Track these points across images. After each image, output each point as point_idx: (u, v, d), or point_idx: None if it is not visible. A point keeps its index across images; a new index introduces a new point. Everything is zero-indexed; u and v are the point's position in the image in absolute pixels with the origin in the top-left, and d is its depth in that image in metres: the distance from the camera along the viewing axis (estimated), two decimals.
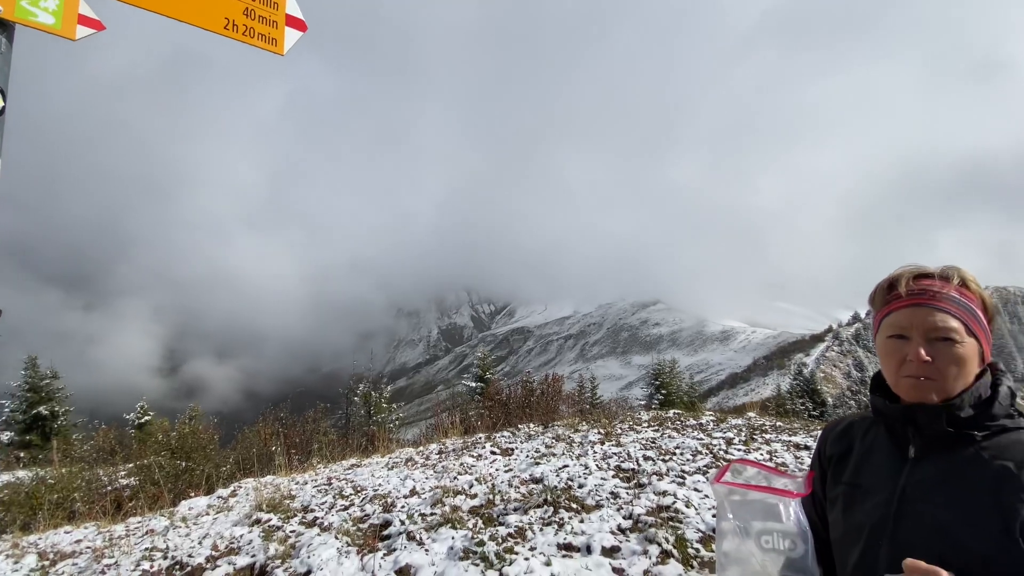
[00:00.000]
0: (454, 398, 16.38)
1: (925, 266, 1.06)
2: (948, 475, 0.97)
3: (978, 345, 1.00)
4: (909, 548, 0.92)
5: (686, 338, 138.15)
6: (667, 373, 19.29)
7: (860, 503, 1.06)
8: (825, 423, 3.14)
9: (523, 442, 7.75)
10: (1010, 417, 0.98)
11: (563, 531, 4.00)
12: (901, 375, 1.01)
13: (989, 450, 0.95)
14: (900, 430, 1.05)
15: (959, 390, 0.98)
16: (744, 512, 1.06)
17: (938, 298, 1.00)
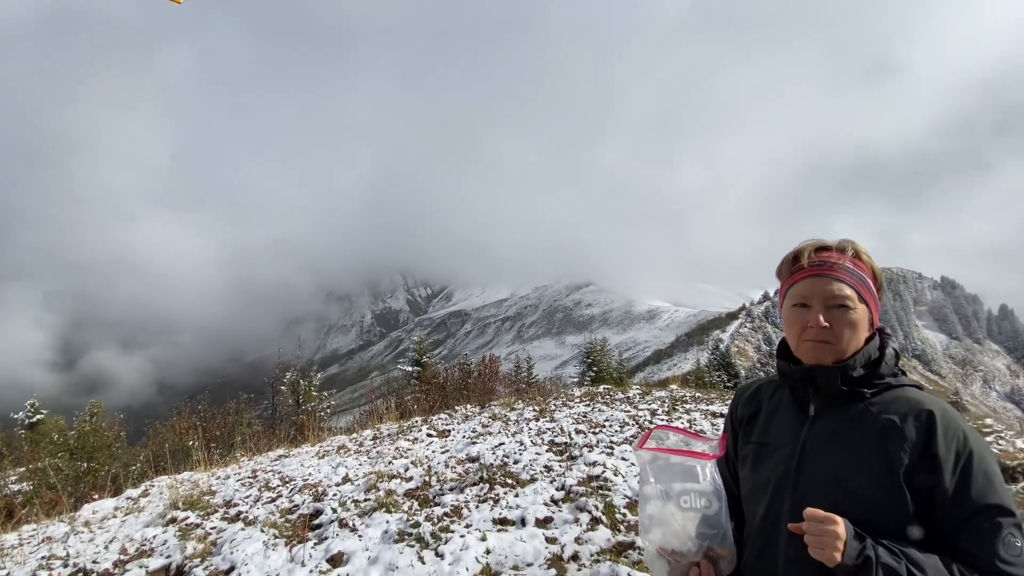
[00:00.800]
0: (389, 383, 16.06)
1: (825, 240, 1.16)
2: (843, 429, 1.07)
3: (868, 311, 1.11)
4: (809, 498, 1.01)
5: (616, 318, 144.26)
6: (598, 351, 20.08)
7: (767, 460, 1.15)
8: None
9: (460, 423, 7.78)
10: (895, 375, 1.10)
11: (498, 506, 4.09)
12: (802, 340, 1.11)
13: (877, 405, 1.06)
14: (802, 390, 1.15)
15: (852, 352, 1.08)
16: (665, 476, 1.13)
17: (835, 269, 1.10)
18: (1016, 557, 0.91)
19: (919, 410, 1.02)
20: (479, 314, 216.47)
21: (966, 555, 0.93)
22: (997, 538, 0.92)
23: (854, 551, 0.90)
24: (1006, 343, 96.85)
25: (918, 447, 0.98)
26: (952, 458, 0.96)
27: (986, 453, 0.99)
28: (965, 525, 0.94)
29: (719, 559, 1.09)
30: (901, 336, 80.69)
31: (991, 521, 0.93)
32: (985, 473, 0.96)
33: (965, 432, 0.99)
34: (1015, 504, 0.96)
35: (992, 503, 0.94)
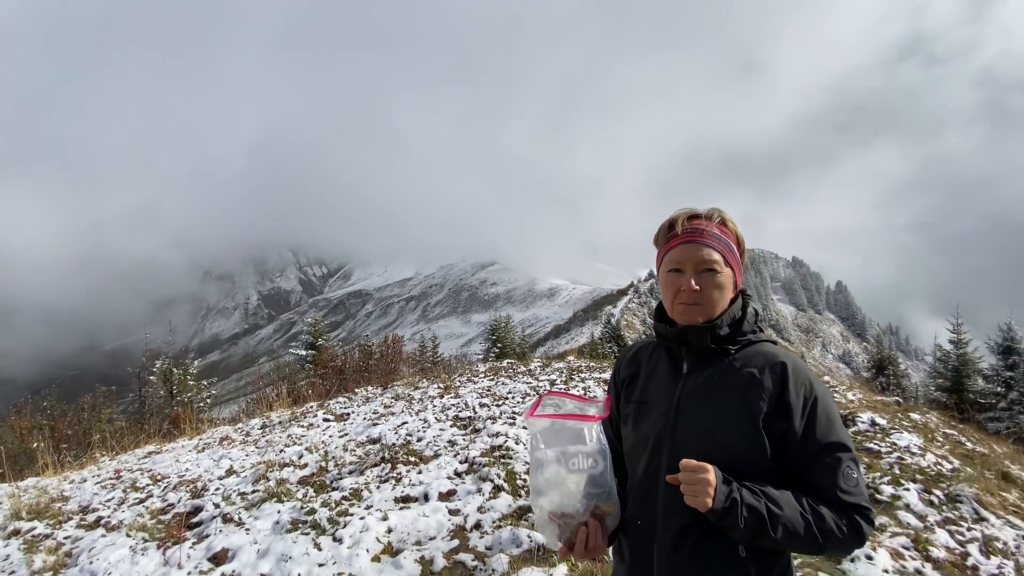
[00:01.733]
0: (280, 369, 15.01)
1: (696, 208, 1.24)
2: (712, 384, 1.17)
3: (733, 274, 1.20)
4: (684, 450, 1.10)
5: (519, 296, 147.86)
6: (503, 328, 20.50)
7: (646, 417, 1.24)
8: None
9: (360, 406, 7.54)
10: (755, 332, 1.22)
11: (401, 485, 4.05)
12: (676, 303, 1.20)
13: (740, 360, 1.17)
14: (676, 350, 1.25)
15: (720, 312, 1.18)
16: (554, 440, 1.17)
17: (705, 235, 1.18)
18: (854, 487, 1.06)
19: (774, 362, 1.13)
20: (381, 294, 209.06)
21: (814, 488, 1.07)
22: (838, 471, 1.06)
23: (723, 495, 1.00)
24: (840, 313, 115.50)
25: (774, 396, 1.09)
26: (801, 404, 1.09)
27: (828, 398, 1.13)
28: (812, 462, 1.07)
29: (605, 516, 1.16)
30: (761, 308, 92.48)
31: (832, 457, 1.07)
32: (828, 416, 1.10)
33: (811, 380, 1.13)
34: (851, 441, 1.14)
35: (833, 441, 1.08)
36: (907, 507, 3.46)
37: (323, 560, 3.00)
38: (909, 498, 3.57)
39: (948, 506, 3.53)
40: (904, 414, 6.63)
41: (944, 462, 4.47)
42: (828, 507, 1.04)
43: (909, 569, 2.67)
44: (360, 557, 3.00)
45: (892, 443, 4.88)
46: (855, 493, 1.06)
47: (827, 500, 1.05)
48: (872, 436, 5.15)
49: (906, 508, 3.44)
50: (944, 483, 3.87)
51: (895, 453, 4.59)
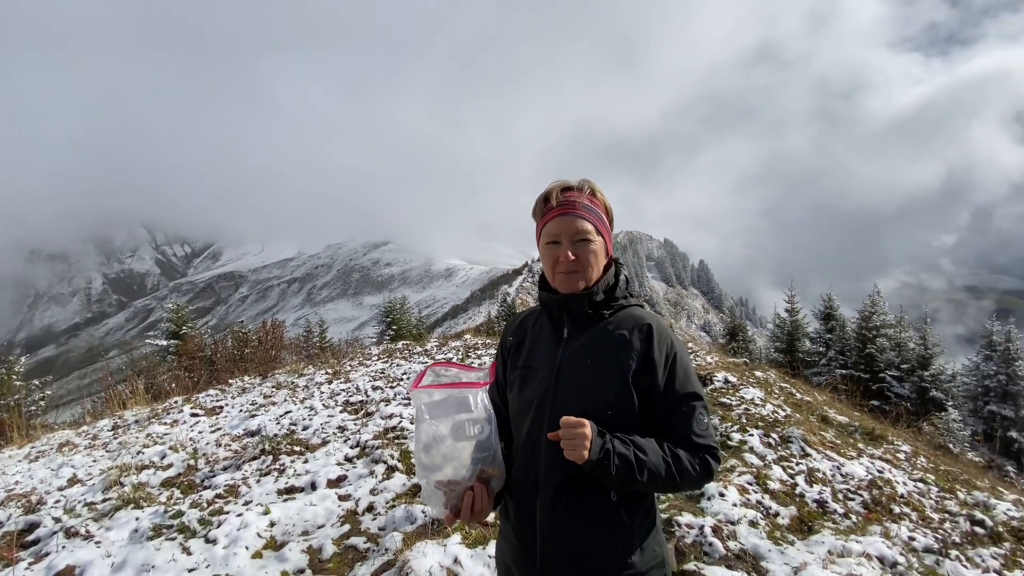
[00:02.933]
0: (136, 363, 13.14)
1: (569, 180, 1.31)
2: (589, 346, 1.26)
3: (605, 242, 1.30)
4: (565, 409, 1.17)
5: (415, 276, 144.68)
6: (398, 310, 19.95)
7: (531, 381, 1.30)
8: None
9: (235, 397, 6.89)
10: (626, 298, 1.33)
11: (284, 476, 3.80)
12: (557, 272, 1.27)
13: (613, 323, 1.28)
14: (558, 316, 1.32)
15: (595, 279, 1.28)
16: (439, 410, 1.17)
17: (577, 207, 1.25)
18: (705, 431, 1.20)
19: (642, 324, 1.25)
20: (258, 276, 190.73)
21: (673, 434, 1.20)
22: (692, 418, 1.19)
23: (597, 447, 1.08)
24: (702, 288, 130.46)
25: (641, 355, 1.21)
26: (663, 361, 1.21)
27: (685, 355, 1.27)
28: (672, 411, 1.20)
29: (491, 479, 1.20)
30: (637, 285, 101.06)
31: (688, 405, 1.20)
32: (685, 369, 1.24)
33: (672, 340, 1.26)
34: (704, 391, 1.30)
35: (689, 392, 1.22)
36: (751, 450, 4.06)
37: (194, 564, 2.73)
38: (753, 442, 4.19)
39: (782, 446, 4.21)
40: (750, 372, 7.73)
41: (779, 410, 5.31)
42: (684, 449, 1.18)
43: (752, 500, 3.15)
44: (238, 556, 2.77)
45: (741, 397, 5.68)
46: (706, 436, 1.21)
47: (684, 443, 1.19)
48: (725, 391, 5.94)
49: (750, 451, 4.04)
50: (779, 427, 4.61)
51: (743, 405, 5.35)
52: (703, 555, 2.57)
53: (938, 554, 2.77)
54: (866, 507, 3.29)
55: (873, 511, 3.23)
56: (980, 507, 3.55)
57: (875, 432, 5.33)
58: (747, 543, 2.64)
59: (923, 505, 3.45)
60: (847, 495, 3.42)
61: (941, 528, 3.15)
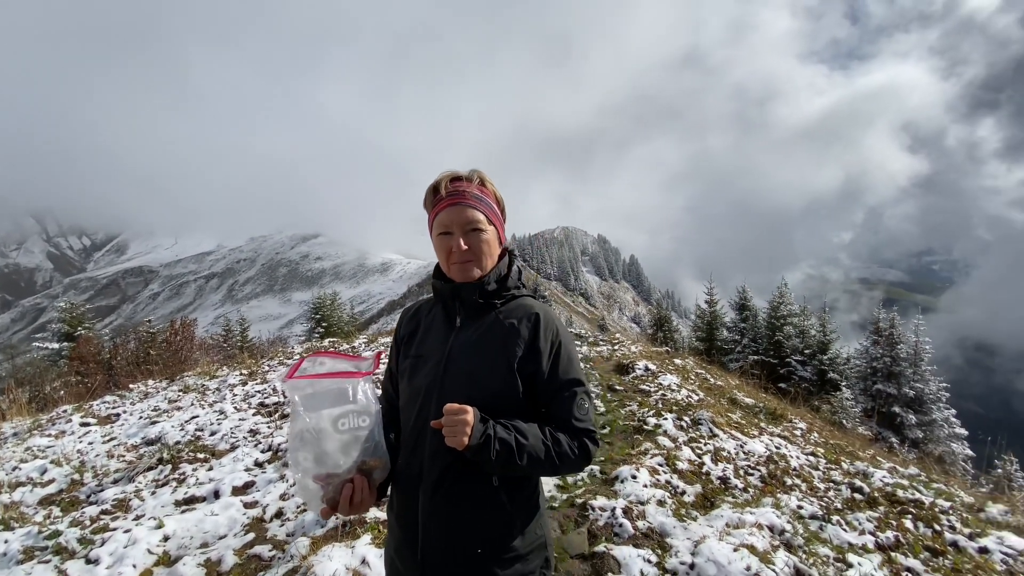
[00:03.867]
0: (20, 369, 11.70)
1: (457, 170, 1.30)
2: (479, 335, 1.26)
3: (497, 232, 1.31)
4: (452, 397, 1.16)
5: (348, 271, 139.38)
6: (328, 306, 19.15)
7: (421, 370, 1.28)
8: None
9: (135, 404, 6.29)
10: (518, 288, 1.34)
11: (184, 486, 3.51)
12: (451, 263, 1.26)
13: (503, 312, 1.29)
14: (451, 305, 1.31)
15: (488, 269, 1.28)
16: (317, 403, 1.11)
17: (467, 197, 1.25)
18: (585, 415, 1.23)
19: (530, 313, 1.27)
20: (171, 271, 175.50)
21: (555, 419, 1.22)
22: (573, 403, 1.22)
23: (479, 433, 1.09)
24: (632, 282, 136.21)
25: (528, 342, 1.23)
26: (548, 348, 1.24)
27: (570, 343, 1.29)
28: (555, 396, 1.23)
29: (373, 470, 1.16)
30: (572, 279, 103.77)
31: (570, 391, 1.23)
32: (568, 357, 1.26)
33: (558, 327, 1.28)
34: (586, 377, 1.34)
35: (571, 378, 1.24)
36: (665, 433, 4.27)
37: None
38: (667, 426, 4.41)
39: (693, 428, 4.47)
40: (670, 360, 8.15)
41: (693, 395, 5.64)
42: (565, 433, 1.21)
43: (662, 481, 3.31)
44: (124, 575, 2.52)
45: (659, 383, 5.97)
46: (585, 420, 1.24)
47: (564, 427, 1.21)
48: (645, 379, 6.21)
49: (664, 434, 4.25)
50: (691, 411, 4.88)
51: (660, 391, 5.62)
52: (614, 536, 2.66)
53: (822, 520, 3.06)
54: (763, 481, 3.56)
55: (769, 484, 3.50)
56: (860, 476, 3.96)
57: (777, 412, 5.80)
58: (655, 521, 2.76)
59: (812, 476, 3.79)
60: (747, 471, 3.69)
61: (826, 496, 3.47)
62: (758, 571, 2.23)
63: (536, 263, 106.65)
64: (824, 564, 2.53)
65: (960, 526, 3.18)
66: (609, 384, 6.18)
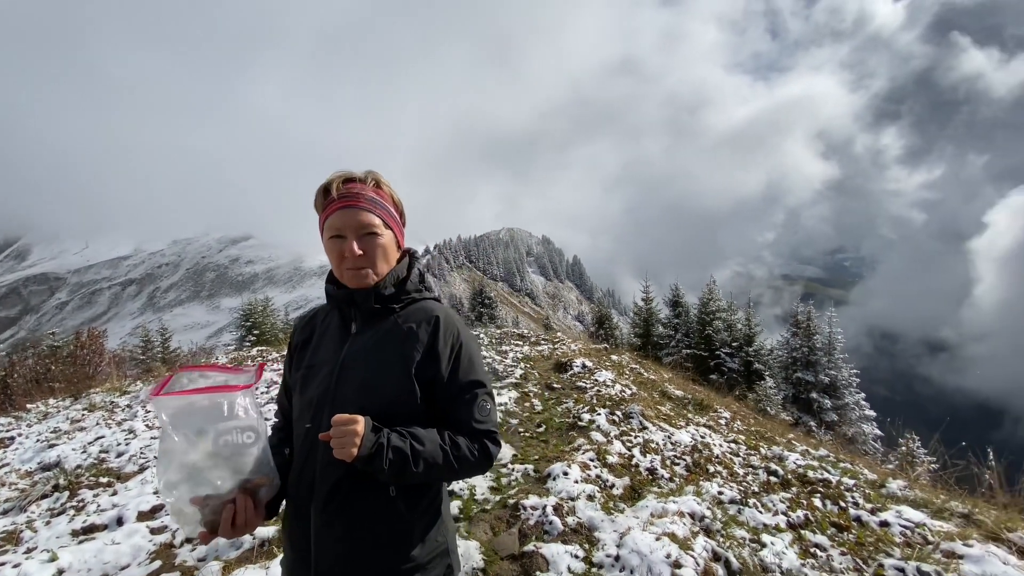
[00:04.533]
0: None
1: (351, 171, 1.24)
2: (376, 341, 1.22)
3: (394, 235, 1.26)
4: (344, 407, 1.11)
5: (283, 275, 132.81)
6: (259, 313, 18.20)
7: (313, 380, 1.22)
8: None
9: (32, 425, 5.67)
10: (420, 291, 1.30)
11: (84, 513, 3.19)
12: (344, 268, 1.20)
13: (402, 317, 1.25)
14: (347, 312, 1.26)
15: (384, 274, 1.23)
16: (190, 420, 1.02)
17: (360, 199, 1.20)
18: (486, 416, 1.22)
19: (430, 316, 1.24)
20: (81, 278, 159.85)
21: (455, 421, 1.19)
22: (474, 405, 1.20)
23: (370, 442, 1.04)
24: (576, 281, 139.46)
25: (427, 346, 1.20)
26: (448, 350, 1.21)
27: (471, 343, 1.26)
28: (455, 399, 1.20)
29: (258, 488, 1.09)
30: (518, 280, 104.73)
31: (471, 393, 1.21)
32: (469, 358, 1.23)
33: (459, 329, 1.25)
34: (489, 379, 1.31)
35: (472, 380, 1.22)
36: (598, 428, 4.38)
37: None
38: (600, 421, 4.53)
39: (624, 422, 4.61)
40: (607, 356, 8.38)
41: (627, 389, 5.83)
42: (465, 436, 1.19)
43: (592, 476, 3.39)
44: None
45: (595, 380, 6.12)
46: (486, 421, 1.22)
47: (464, 430, 1.20)
48: (582, 376, 6.36)
49: (597, 429, 4.36)
50: (624, 405, 5.04)
51: (595, 388, 5.77)
52: (544, 534, 2.69)
53: (740, 504, 3.24)
54: (688, 470, 3.73)
55: (693, 472, 3.68)
56: (776, 459, 4.24)
57: (704, 403, 6.11)
58: (584, 516, 2.82)
59: (733, 463, 4.02)
60: (674, 461, 3.85)
61: (744, 481, 3.69)
62: (678, 558, 2.32)
63: (483, 264, 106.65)
64: (740, 546, 2.67)
65: (863, 502, 3.47)
66: (547, 383, 6.26)
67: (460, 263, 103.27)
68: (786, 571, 2.52)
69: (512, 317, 50.66)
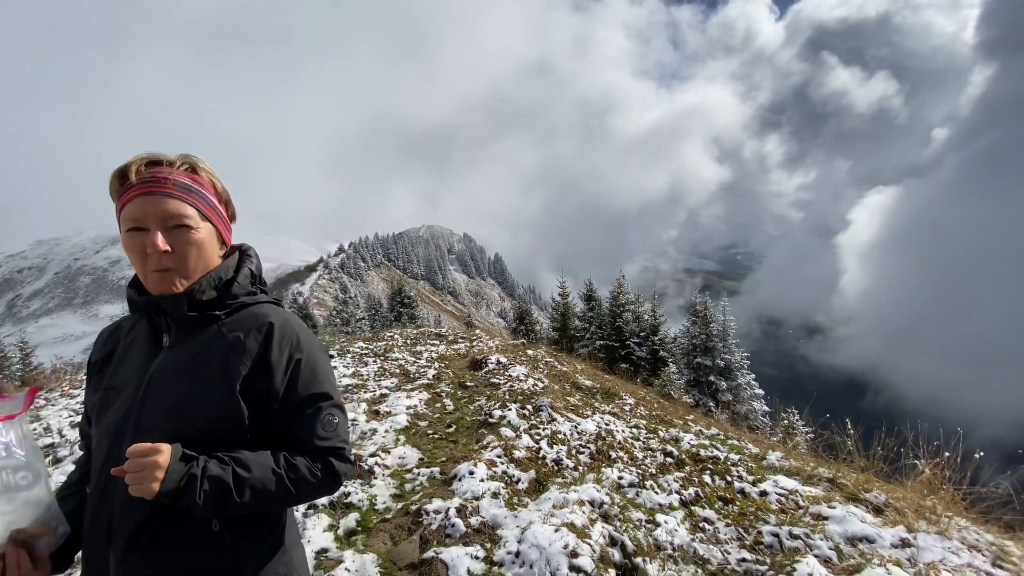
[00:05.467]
0: None
1: (158, 153, 1.03)
2: (193, 355, 1.02)
3: (215, 229, 1.07)
4: (149, 434, 0.93)
5: None
6: None
7: (112, 405, 1.02)
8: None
9: None
10: (251, 294, 1.12)
11: None
12: (148, 269, 0.99)
13: (228, 326, 1.06)
14: (157, 321, 1.06)
15: (199, 276, 1.03)
16: None
17: (167, 185, 0.99)
18: (332, 432, 1.07)
19: (262, 323, 1.07)
20: None
21: (295, 440, 1.05)
22: (317, 420, 1.06)
23: (177, 474, 0.89)
24: (498, 279, 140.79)
25: (257, 358, 1.03)
26: (284, 361, 1.05)
27: (315, 352, 1.11)
28: (294, 415, 1.05)
29: (36, 539, 0.90)
30: (440, 278, 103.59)
31: (313, 407, 1.06)
32: (312, 369, 1.08)
33: (299, 336, 1.09)
34: (337, 390, 1.15)
35: (315, 392, 1.07)
36: (508, 423, 4.38)
37: None
38: (510, 416, 4.53)
39: (534, 416, 4.65)
40: (523, 351, 8.48)
41: (539, 383, 5.90)
42: (305, 455, 1.05)
43: (499, 472, 3.36)
44: None
45: (509, 375, 6.14)
46: (332, 437, 1.08)
47: (305, 449, 1.06)
48: (496, 372, 6.35)
49: (507, 424, 4.35)
50: (535, 399, 5.09)
51: (509, 383, 5.78)
52: (446, 538, 2.61)
53: (638, 487, 3.37)
54: (592, 457, 3.84)
55: (596, 460, 3.78)
56: (672, 441, 4.50)
57: (611, 391, 6.36)
58: (488, 515, 2.78)
59: (634, 447, 4.20)
60: (579, 450, 3.94)
61: (643, 464, 3.86)
62: (575, 547, 2.35)
63: (402, 263, 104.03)
64: (636, 528, 2.77)
65: (746, 475, 3.76)
66: (461, 381, 6.18)
67: (378, 261, 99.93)
68: (677, 547, 2.65)
69: (434, 316, 49.97)
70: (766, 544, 2.71)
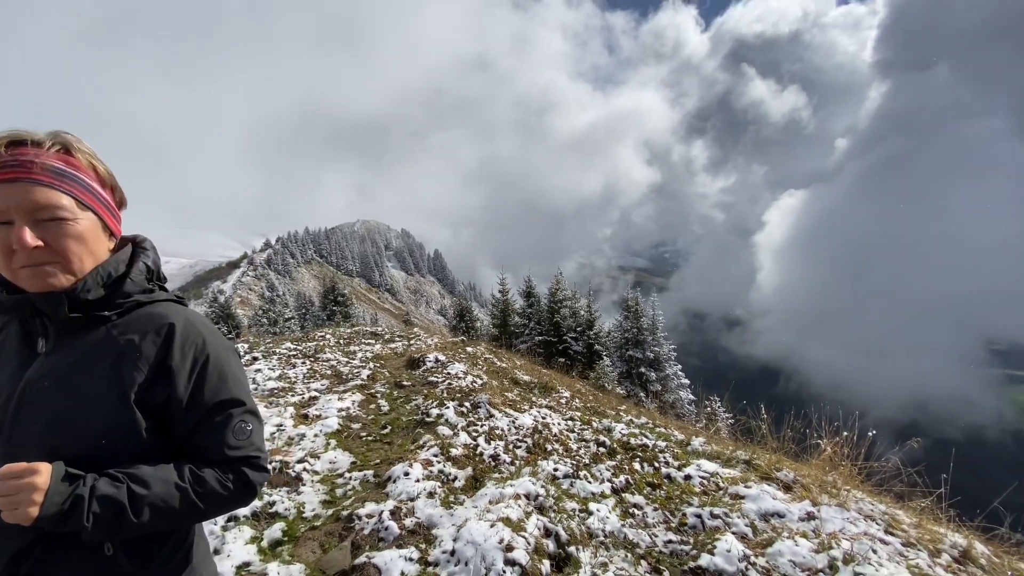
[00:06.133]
0: None
1: (23, 131, 0.87)
2: (76, 362, 0.91)
3: (99, 219, 0.94)
4: (24, 452, 0.83)
5: None
6: None
7: None
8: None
9: None
10: (147, 292, 1.00)
11: None
12: (16, 267, 0.86)
13: (119, 328, 0.95)
14: (33, 324, 0.93)
15: (83, 273, 0.92)
16: None
17: (34, 170, 0.85)
18: (244, 440, 0.99)
19: (161, 324, 0.97)
20: None
21: (202, 450, 0.97)
22: (227, 428, 0.98)
23: (59, 496, 0.80)
24: (438, 276, 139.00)
25: (155, 363, 0.94)
26: (188, 366, 0.96)
27: (223, 354, 1.02)
28: (201, 424, 0.97)
29: None
30: (377, 275, 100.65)
31: (223, 414, 0.98)
32: (220, 373, 0.99)
33: (205, 338, 1.00)
34: (250, 396, 1.05)
35: (224, 399, 0.99)
36: (446, 421, 4.33)
37: None
38: (448, 414, 4.48)
39: (472, 413, 4.64)
40: (462, 349, 8.42)
41: (478, 380, 5.89)
42: (214, 467, 0.97)
43: (435, 472, 3.32)
44: None
45: (447, 373, 6.07)
46: (244, 446, 1.00)
47: (214, 460, 0.98)
48: (434, 371, 6.26)
49: (445, 423, 4.31)
50: (473, 395, 5.07)
51: (447, 381, 5.72)
52: (379, 542, 2.53)
53: (572, 477, 3.46)
54: (529, 451, 3.88)
55: (532, 453, 3.84)
56: (605, 431, 4.65)
57: (548, 385, 6.48)
58: (423, 515, 2.73)
59: (569, 439, 4.30)
60: (516, 444, 3.98)
61: (577, 455, 3.97)
62: (510, 541, 2.36)
63: (336, 259, 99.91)
64: (570, 518, 2.84)
65: (672, 460, 3.96)
66: (397, 381, 6.04)
67: (309, 258, 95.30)
68: (609, 533, 2.74)
69: (371, 314, 48.43)
70: (690, 525, 2.87)
